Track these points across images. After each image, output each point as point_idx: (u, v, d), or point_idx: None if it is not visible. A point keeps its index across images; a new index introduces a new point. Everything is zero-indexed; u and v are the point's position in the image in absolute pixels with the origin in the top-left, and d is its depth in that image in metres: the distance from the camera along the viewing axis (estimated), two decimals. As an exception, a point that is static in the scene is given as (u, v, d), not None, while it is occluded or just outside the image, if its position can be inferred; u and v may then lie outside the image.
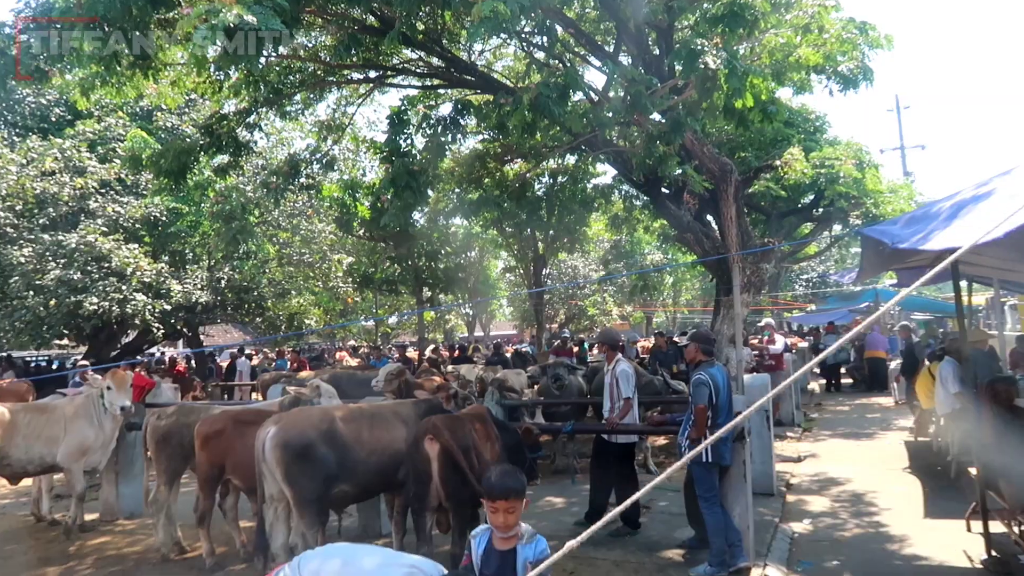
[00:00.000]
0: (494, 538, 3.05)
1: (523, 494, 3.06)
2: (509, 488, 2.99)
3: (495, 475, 3.09)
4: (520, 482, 3.06)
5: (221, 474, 6.29)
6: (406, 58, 11.99)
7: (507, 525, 2.99)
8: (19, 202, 14.75)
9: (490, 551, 3.05)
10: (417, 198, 9.78)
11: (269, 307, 17.68)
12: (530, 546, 3.01)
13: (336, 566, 2.75)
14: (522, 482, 3.08)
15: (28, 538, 7.70)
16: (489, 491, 3.02)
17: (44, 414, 7.53)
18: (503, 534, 3.01)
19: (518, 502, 3.00)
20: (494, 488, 3.00)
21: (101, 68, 8.17)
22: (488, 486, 3.04)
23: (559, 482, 9.27)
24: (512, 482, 3.03)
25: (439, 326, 39.04)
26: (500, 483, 3.01)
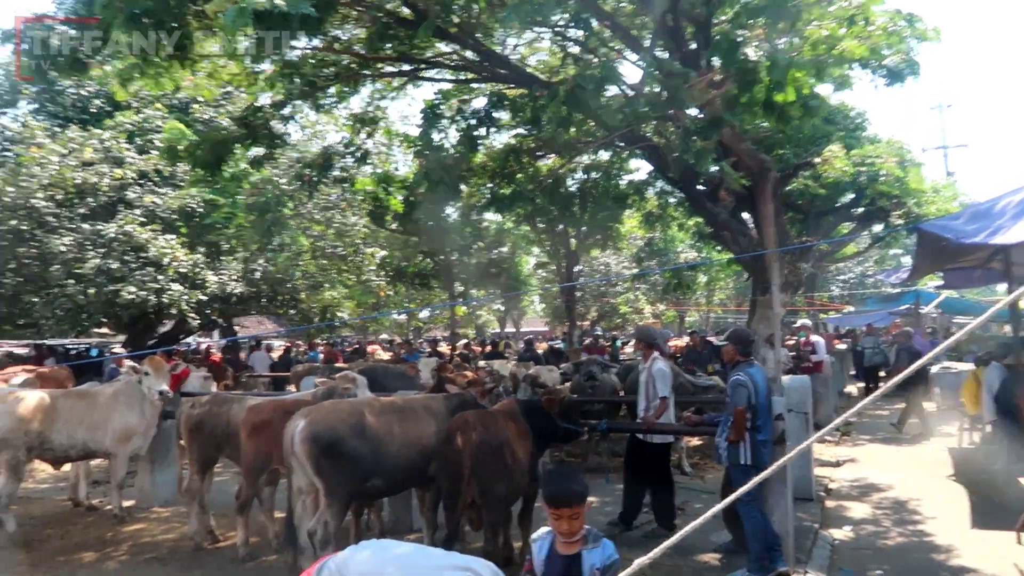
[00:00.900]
0: (557, 542, 2.89)
1: (586, 497, 2.89)
2: (572, 494, 2.82)
3: (555, 480, 2.93)
4: (582, 485, 2.89)
5: (267, 464, 6.27)
6: (440, 51, 11.93)
7: (571, 531, 2.83)
8: (60, 192, 14.98)
9: (553, 556, 2.89)
10: (450, 192, 9.73)
11: (302, 299, 17.79)
12: (597, 551, 2.84)
13: (392, 571, 2.66)
14: (584, 485, 2.91)
15: (65, 523, 7.81)
16: (550, 498, 2.86)
17: (84, 400, 7.62)
18: (567, 539, 2.85)
19: (581, 507, 2.83)
20: (556, 495, 2.84)
21: (139, 60, 8.24)
22: (549, 493, 2.88)
23: (592, 481, 9.07)
24: (574, 486, 2.85)
25: (470, 321, 39.09)
26: (561, 489, 2.84)
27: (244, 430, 6.25)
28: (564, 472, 3.03)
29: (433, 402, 6.26)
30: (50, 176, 14.76)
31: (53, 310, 14.17)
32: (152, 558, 6.54)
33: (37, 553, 6.72)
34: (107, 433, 7.50)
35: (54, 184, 14.81)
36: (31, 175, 14.67)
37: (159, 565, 6.36)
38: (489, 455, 5.19)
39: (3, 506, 6.92)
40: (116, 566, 6.35)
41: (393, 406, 5.96)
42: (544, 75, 12.45)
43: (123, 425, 7.56)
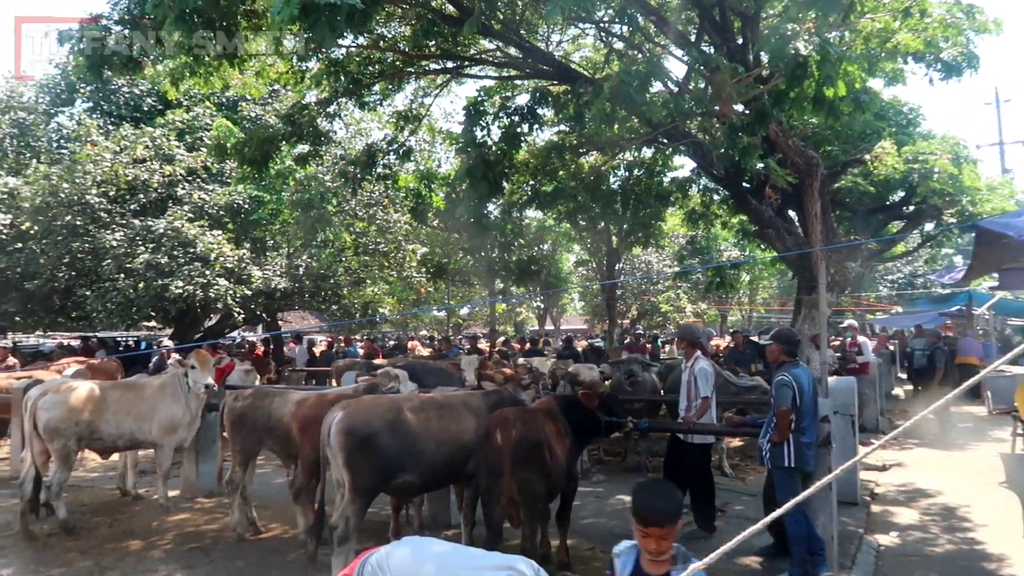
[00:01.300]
0: (643, 560, 2.67)
1: (679, 516, 2.66)
2: (663, 513, 2.61)
3: (646, 496, 2.68)
4: (675, 503, 2.68)
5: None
6: (483, 48, 11.94)
7: (660, 551, 2.61)
8: (112, 188, 15.38)
9: (638, 575, 2.69)
10: (492, 189, 9.73)
11: (344, 295, 17.98)
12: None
13: (431, 570, 2.64)
14: (678, 502, 2.70)
15: (114, 511, 8.00)
16: (639, 516, 2.64)
17: (132, 391, 7.80)
18: (655, 558, 2.64)
19: (673, 527, 2.61)
20: (646, 512, 2.62)
21: (190, 59, 8.42)
22: (638, 509, 2.65)
23: (631, 480, 9.06)
24: (667, 505, 2.64)
25: (510, 318, 39.11)
26: (652, 507, 2.62)
27: (296, 424, 6.29)
28: (656, 487, 2.76)
29: (471, 398, 6.24)
30: (103, 173, 15.15)
31: (104, 303, 14.54)
32: (196, 547, 6.66)
33: (87, 540, 6.90)
34: (153, 424, 7.67)
35: (107, 181, 15.20)
36: (86, 172, 15.08)
37: (203, 554, 6.47)
38: (528, 452, 5.16)
39: (55, 493, 7.13)
40: (161, 554, 6.48)
41: (432, 402, 5.97)
42: (587, 71, 12.38)
43: (168, 417, 7.73)
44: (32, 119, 18.68)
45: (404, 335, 33.11)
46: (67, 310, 17.56)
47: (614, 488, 8.73)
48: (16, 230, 15.35)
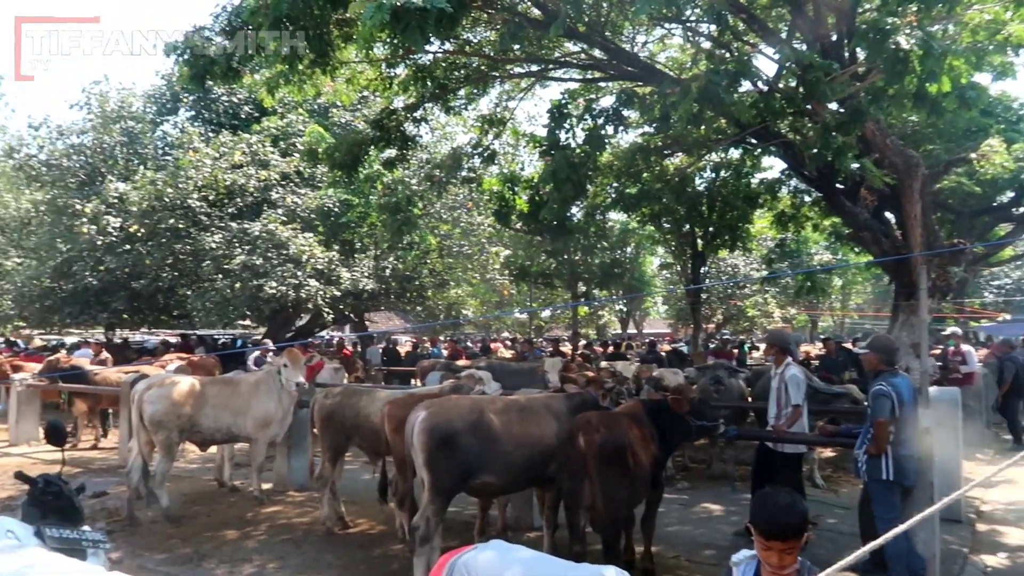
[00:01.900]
0: (764, 573, 2.56)
1: (804, 530, 2.50)
2: (787, 526, 2.46)
3: (768, 507, 2.53)
4: (801, 515, 2.51)
5: None
6: (568, 51, 11.93)
7: (782, 566, 2.49)
8: (212, 192, 16.11)
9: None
10: (576, 191, 9.69)
11: (429, 296, 18.30)
12: None
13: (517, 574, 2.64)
14: (802, 515, 2.52)
15: (211, 501, 8.36)
16: (761, 528, 2.51)
17: (229, 387, 8.15)
18: (777, 571, 2.52)
19: (798, 541, 2.47)
20: (768, 525, 2.48)
21: (285, 67, 8.72)
22: (760, 521, 2.52)
23: (716, 488, 8.89)
24: (791, 518, 2.48)
25: (592, 321, 38.90)
26: (775, 519, 2.47)
27: (390, 424, 6.34)
28: (779, 498, 2.56)
29: (554, 401, 6.23)
30: (204, 178, 15.89)
31: (204, 302, 15.25)
32: (288, 539, 6.89)
33: (187, 528, 7.24)
34: (248, 419, 8.00)
35: (207, 185, 15.93)
36: (188, 177, 15.86)
37: (293, 546, 6.69)
38: (611, 457, 5.11)
39: (159, 483, 7.52)
40: (255, 544, 6.73)
41: (514, 404, 5.98)
42: (673, 72, 12.20)
43: (263, 412, 8.03)
44: (140, 128, 19.78)
45: (486, 337, 33.42)
46: (169, 308, 18.55)
47: (699, 496, 8.55)
48: (125, 232, 16.29)
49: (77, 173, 18.87)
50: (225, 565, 6.16)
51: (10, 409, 12.35)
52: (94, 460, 10.71)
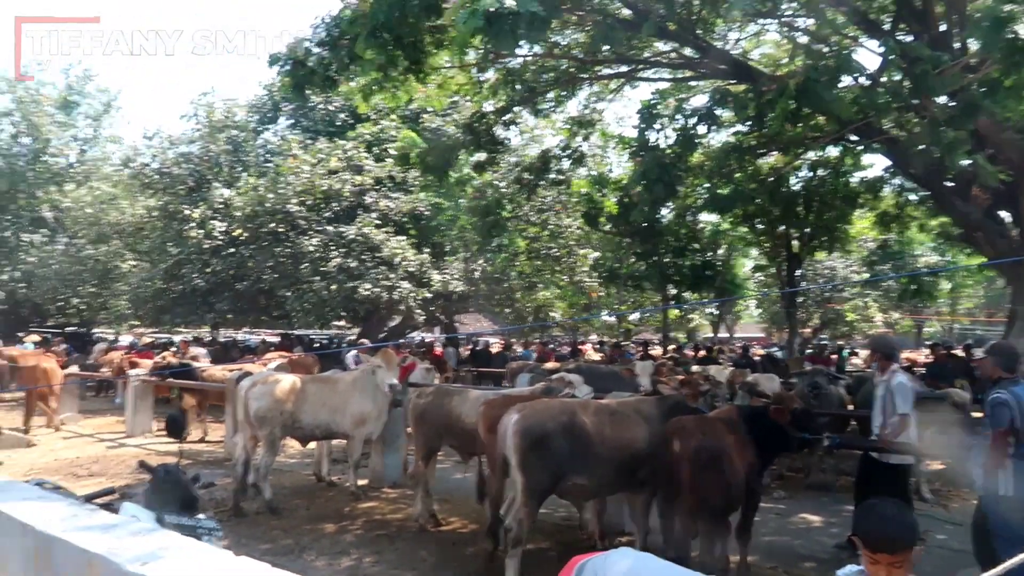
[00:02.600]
0: None
1: (914, 543, 2.37)
2: (896, 539, 2.34)
3: (875, 518, 2.42)
4: (910, 528, 2.39)
5: None
6: (658, 51, 11.80)
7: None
8: (310, 197, 16.73)
9: None
10: (667, 192, 9.58)
11: (518, 298, 18.42)
12: None
13: None
14: (911, 527, 2.41)
15: (310, 495, 8.67)
16: (867, 540, 2.40)
17: (328, 385, 8.44)
18: None
19: (908, 553, 2.35)
20: (875, 537, 2.37)
21: (380, 75, 8.99)
22: (866, 533, 2.41)
23: (815, 498, 8.59)
24: (900, 531, 2.37)
25: (682, 325, 38.24)
26: (883, 531, 2.36)
27: (484, 424, 6.37)
28: (886, 509, 2.45)
29: (645, 405, 6.17)
30: (302, 184, 16.52)
31: (302, 303, 15.85)
32: (383, 535, 7.07)
33: (288, 520, 7.54)
34: (345, 416, 8.25)
35: (306, 191, 16.56)
36: (288, 183, 16.53)
37: (388, 542, 6.86)
38: (707, 463, 5.02)
39: (262, 476, 7.86)
40: (352, 539, 6.94)
41: (605, 407, 5.97)
42: (768, 68, 11.88)
43: (359, 410, 8.27)
44: (243, 136, 20.76)
45: (574, 340, 33.34)
46: (270, 309, 19.35)
47: (797, 506, 8.28)
48: (229, 236, 17.12)
49: (186, 180, 19.95)
50: (324, 557, 6.37)
51: (127, 403, 13.17)
52: (202, 453, 11.27)
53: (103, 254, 24.01)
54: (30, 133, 29.39)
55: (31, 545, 1.78)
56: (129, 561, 1.47)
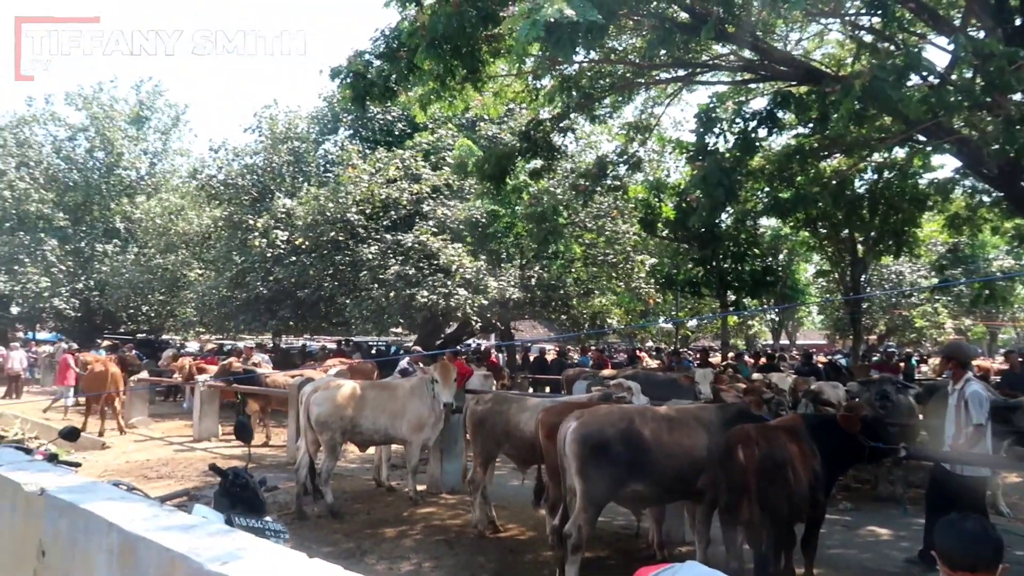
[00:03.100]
0: None
1: (998, 561, 2.28)
2: (979, 557, 2.26)
3: (956, 535, 2.34)
4: (995, 546, 2.30)
5: None
6: (716, 53, 11.63)
7: None
8: (369, 206, 17.00)
9: None
10: (727, 197, 9.40)
11: (574, 305, 18.36)
12: None
13: None
14: (995, 545, 2.31)
15: (370, 500, 8.79)
16: (947, 558, 2.32)
17: (387, 391, 8.56)
18: None
19: (991, 573, 2.26)
20: (959, 555, 2.28)
21: (437, 85, 9.09)
22: (946, 550, 2.33)
23: (883, 510, 8.32)
24: (983, 549, 2.28)
25: (741, 331, 37.55)
26: (966, 549, 2.28)
27: (543, 431, 6.38)
28: (970, 525, 2.34)
29: (705, 412, 6.09)
30: (362, 193, 16.80)
31: (361, 311, 16.10)
32: (441, 540, 7.12)
33: (348, 524, 7.65)
34: (404, 422, 8.36)
35: (365, 200, 16.84)
36: (347, 192, 16.84)
37: (447, 547, 6.90)
38: (770, 473, 4.91)
39: (324, 480, 8.00)
40: (412, 543, 7.00)
41: (664, 414, 5.91)
42: (831, 69, 11.60)
43: (417, 416, 8.37)
44: (305, 147, 21.24)
45: (631, 347, 33.05)
46: (329, 316, 19.72)
47: (864, 518, 8.03)
48: (291, 245, 17.51)
49: (250, 191, 20.52)
50: (385, 561, 6.45)
51: (194, 408, 13.58)
52: (265, 456, 11.54)
53: (171, 263, 24.84)
54: (104, 148, 30.72)
55: (116, 543, 1.85)
56: (209, 561, 1.51)
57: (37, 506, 2.34)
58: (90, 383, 14.26)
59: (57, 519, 2.21)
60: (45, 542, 2.26)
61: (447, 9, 7.35)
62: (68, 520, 2.14)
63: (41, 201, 28.71)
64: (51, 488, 2.32)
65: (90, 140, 30.89)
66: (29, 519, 2.39)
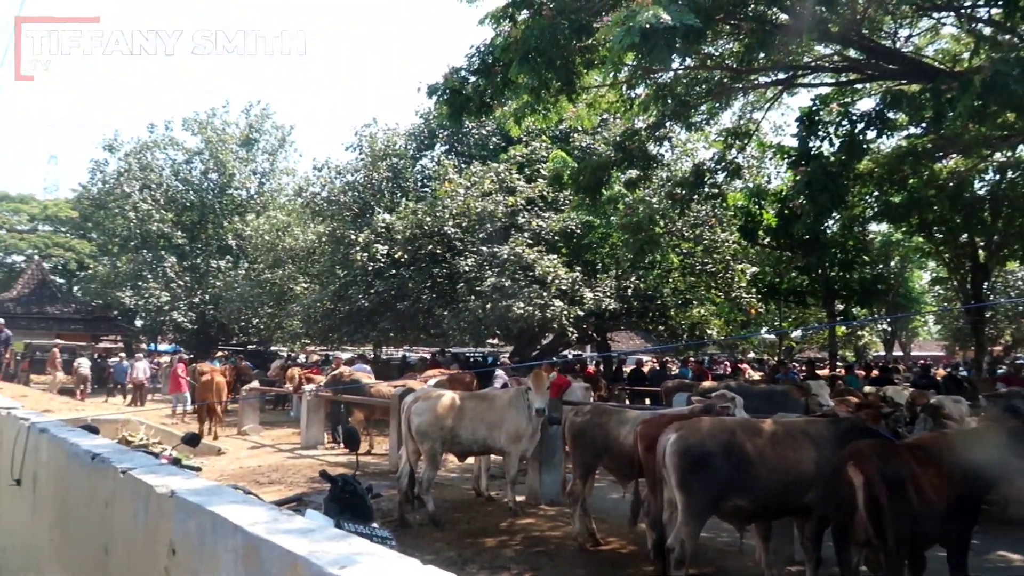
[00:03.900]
0: None
1: None
2: None
3: None
4: None
5: None
6: (818, 55, 11.26)
7: None
8: (465, 219, 17.27)
9: None
10: (834, 202, 9.06)
11: (671, 316, 18.04)
12: None
13: None
14: None
15: (470, 509, 8.87)
16: None
17: (486, 402, 8.64)
18: None
19: None
20: None
21: (532, 98, 9.18)
22: None
23: (1015, 534, 7.73)
24: None
25: (850, 342, 35.89)
26: None
27: (642, 443, 6.29)
28: None
29: (814, 426, 5.85)
30: (458, 206, 17.10)
31: (459, 322, 16.33)
32: (541, 551, 7.10)
33: (449, 532, 7.74)
34: (502, 433, 8.40)
35: (461, 213, 17.12)
36: (444, 206, 17.16)
37: (547, 559, 6.87)
38: (887, 492, 4.64)
39: (425, 489, 8.13)
40: (512, 554, 7.02)
41: (769, 427, 5.70)
42: (945, 65, 11.01)
43: (515, 427, 8.39)
44: (403, 164, 21.83)
45: (730, 357, 32.17)
46: (428, 327, 20.11)
47: (993, 543, 7.48)
48: (391, 259, 17.99)
49: (351, 207, 21.25)
50: (486, 571, 6.49)
51: (302, 417, 14.12)
52: (368, 464, 11.85)
53: (279, 278, 25.97)
54: (217, 169, 32.59)
55: (241, 544, 1.94)
56: (328, 564, 1.57)
57: (167, 507, 2.50)
58: (203, 392, 15.48)
59: (186, 520, 2.35)
60: (175, 541, 2.41)
61: (541, 23, 7.43)
62: (196, 521, 2.27)
63: (162, 221, 30.70)
64: (180, 490, 2.48)
65: (205, 162, 32.86)
66: (160, 519, 2.56)
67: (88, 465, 3.47)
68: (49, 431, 4.45)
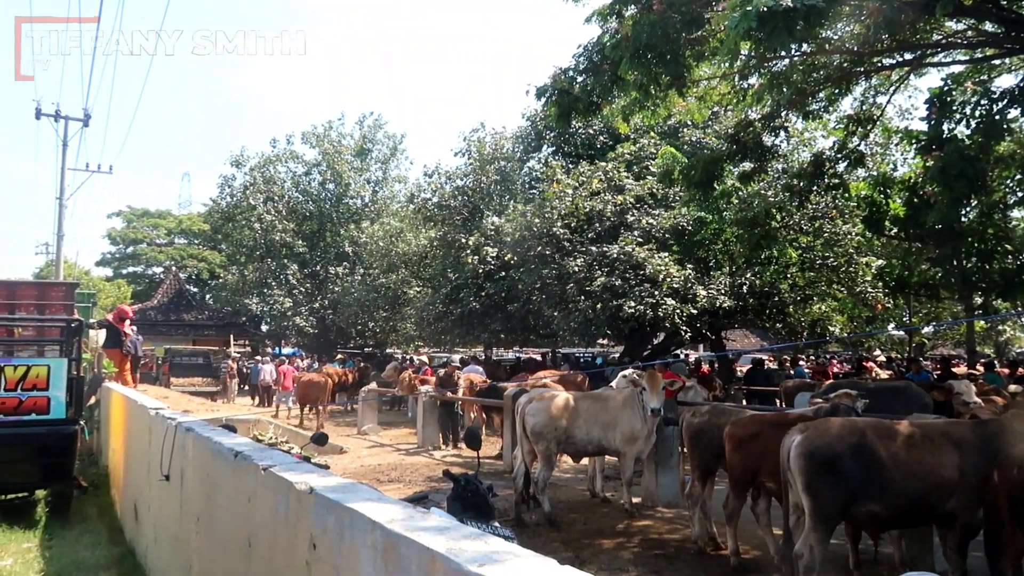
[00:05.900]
0: None
1: None
2: None
3: None
4: None
5: (754, 477, 6.32)
6: (949, 31, 10.52)
7: None
8: (573, 219, 17.22)
9: None
10: (972, 188, 8.45)
11: (790, 313, 17.34)
12: None
13: None
14: None
15: (585, 510, 8.82)
16: None
17: (599, 402, 8.59)
18: None
19: None
20: None
21: (641, 94, 9.03)
22: None
23: None
24: None
25: (990, 338, 33.37)
26: None
27: (728, 443, 6.35)
28: None
29: (956, 428, 5.49)
30: (566, 207, 17.07)
31: (568, 323, 16.30)
32: (660, 554, 6.97)
33: (566, 533, 7.74)
34: (616, 433, 8.33)
35: (569, 213, 17.08)
36: (552, 207, 17.18)
37: (666, 562, 6.75)
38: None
39: (540, 489, 8.17)
40: (630, 556, 6.93)
41: (904, 429, 5.39)
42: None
43: (629, 428, 8.30)
44: (510, 167, 22.03)
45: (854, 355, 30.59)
46: (537, 328, 20.20)
47: None
48: (501, 261, 18.20)
49: (461, 211, 21.65)
50: (604, 572, 6.43)
51: (418, 417, 14.49)
52: (483, 464, 12.01)
53: (393, 282, 26.79)
54: (334, 179, 34.03)
55: (380, 540, 2.00)
56: (467, 562, 1.59)
57: (307, 503, 2.61)
58: (303, 391, 17.76)
59: (325, 515, 2.45)
60: (315, 535, 2.51)
61: (650, 18, 7.31)
62: (335, 517, 2.36)
63: (284, 231, 32.36)
64: (318, 487, 2.58)
65: (322, 174, 34.39)
66: (301, 514, 2.67)
67: (231, 462, 3.68)
68: (194, 430, 4.75)
